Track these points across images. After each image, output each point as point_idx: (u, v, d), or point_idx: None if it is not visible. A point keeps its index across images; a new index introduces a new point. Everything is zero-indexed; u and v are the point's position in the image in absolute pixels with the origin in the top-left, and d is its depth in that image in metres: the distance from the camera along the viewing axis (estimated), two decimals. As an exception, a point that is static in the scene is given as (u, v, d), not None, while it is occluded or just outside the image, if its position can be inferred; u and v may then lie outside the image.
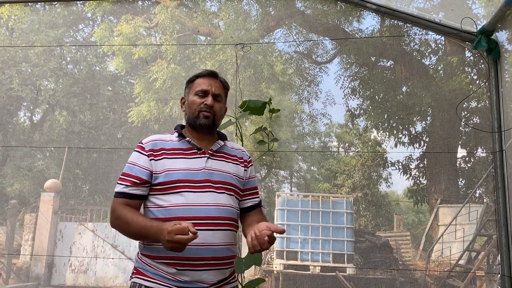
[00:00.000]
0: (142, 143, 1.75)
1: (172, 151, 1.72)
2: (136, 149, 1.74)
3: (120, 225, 1.65)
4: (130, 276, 1.72)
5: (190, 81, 1.85)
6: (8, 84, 5.45)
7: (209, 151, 1.75)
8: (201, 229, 1.60)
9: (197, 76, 1.84)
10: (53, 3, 4.35)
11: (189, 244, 1.55)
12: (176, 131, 1.81)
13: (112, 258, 5.64)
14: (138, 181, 1.67)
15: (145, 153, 1.70)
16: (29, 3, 4.22)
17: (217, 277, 1.66)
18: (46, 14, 5.22)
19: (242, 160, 1.86)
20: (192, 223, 1.59)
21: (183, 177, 1.66)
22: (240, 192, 1.82)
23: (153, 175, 1.68)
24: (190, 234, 1.46)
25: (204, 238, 1.59)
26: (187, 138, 1.76)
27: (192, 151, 1.74)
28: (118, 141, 5.57)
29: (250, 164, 1.90)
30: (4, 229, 6.16)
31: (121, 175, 1.70)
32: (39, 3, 4.32)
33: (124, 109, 5.51)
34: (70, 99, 5.88)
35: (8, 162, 6.17)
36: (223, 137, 1.86)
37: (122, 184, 1.67)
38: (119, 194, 1.67)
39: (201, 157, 1.73)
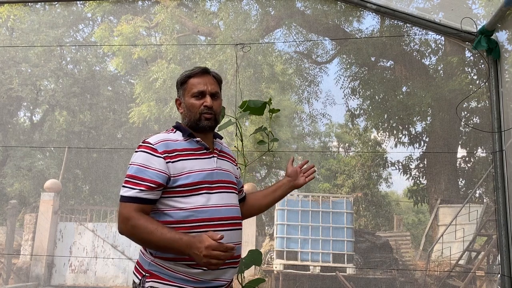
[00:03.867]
0: (151, 144, 1.63)
1: (185, 152, 1.67)
2: (144, 150, 1.63)
3: (138, 234, 1.55)
4: (141, 280, 1.63)
5: (183, 82, 1.79)
6: (8, 84, 5.45)
7: (215, 151, 1.75)
8: (226, 230, 1.61)
9: (188, 76, 1.77)
10: (53, 3, 4.35)
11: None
12: (180, 130, 1.76)
13: (112, 258, 5.63)
14: (154, 185, 1.57)
15: (159, 155, 1.61)
16: (29, 3, 4.22)
17: (232, 275, 1.69)
18: (46, 14, 5.22)
19: (233, 159, 1.90)
20: (214, 224, 1.59)
21: (203, 179, 1.63)
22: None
23: (171, 178, 1.60)
24: (227, 251, 1.45)
25: (229, 238, 1.60)
26: (197, 138, 1.72)
27: (201, 151, 1.72)
28: (118, 141, 5.56)
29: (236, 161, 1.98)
30: (4, 229, 6.16)
31: (131, 178, 1.59)
32: (39, 3, 4.32)
33: (124, 109, 5.50)
34: (70, 99, 5.88)
35: (8, 162, 6.17)
36: (219, 136, 1.86)
37: (135, 189, 1.56)
38: (132, 199, 1.56)
39: (210, 157, 1.72)
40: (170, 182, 1.61)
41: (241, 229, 1.74)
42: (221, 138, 1.86)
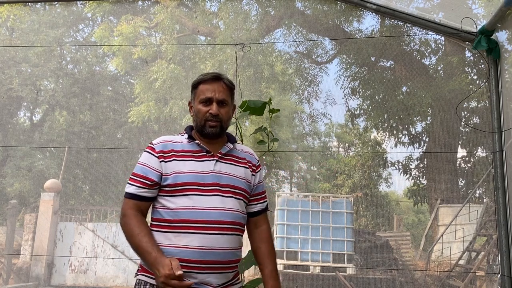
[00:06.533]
0: (152, 144, 1.74)
1: (182, 153, 1.72)
2: (146, 149, 1.74)
3: (125, 232, 1.65)
4: (135, 273, 1.73)
5: (194, 87, 1.82)
6: (8, 84, 5.45)
7: (218, 154, 1.75)
8: (206, 233, 1.61)
9: (199, 82, 1.80)
10: (53, 3, 4.35)
11: (194, 247, 1.57)
12: (186, 133, 1.80)
13: (112, 258, 5.64)
14: (149, 183, 1.67)
15: (155, 154, 1.70)
16: (29, 3, 4.22)
17: (221, 280, 1.66)
18: (46, 14, 5.22)
19: (251, 164, 1.84)
20: (197, 226, 1.60)
21: (191, 180, 1.66)
22: (248, 196, 1.81)
23: (163, 176, 1.67)
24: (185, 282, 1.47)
25: (208, 242, 1.60)
26: (197, 141, 1.75)
27: (201, 154, 1.73)
28: (118, 141, 5.56)
29: (259, 169, 1.89)
30: (4, 229, 6.16)
31: (132, 175, 1.70)
32: (39, 3, 4.32)
33: (124, 109, 5.51)
34: (70, 99, 5.88)
35: (8, 162, 6.17)
36: (232, 139, 1.85)
37: (134, 185, 1.67)
38: (130, 196, 1.67)
39: (209, 160, 1.72)
40: (162, 180, 1.68)
41: (235, 234, 1.69)
42: (234, 141, 1.85)
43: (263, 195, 1.90)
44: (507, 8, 2.69)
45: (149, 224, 1.72)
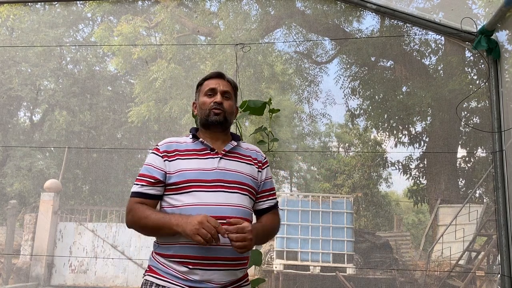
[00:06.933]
0: (157, 146, 1.81)
1: (186, 152, 1.77)
2: (152, 151, 1.81)
3: (137, 220, 1.68)
4: (144, 274, 1.76)
5: (199, 85, 1.92)
6: (8, 84, 5.45)
7: (222, 152, 1.77)
8: None
9: (204, 79, 1.90)
10: (53, 3, 4.35)
11: (196, 243, 1.58)
12: (191, 133, 1.84)
13: (112, 258, 5.64)
14: (153, 181, 1.72)
15: (159, 154, 1.76)
16: (29, 3, 4.22)
17: (227, 278, 1.66)
18: (46, 14, 5.22)
19: (256, 161, 1.86)
20: None
21: (195, 177, 1.69)
22: (255, 193, 1.82)
23: (167, 175, 1.73)
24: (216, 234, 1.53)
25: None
26: (200, 139, 1.78)
27: (205, 152, 1.77)
28: (118, 141, 5.56)
29: (266, 165, 1.91)
30: (4, 229, 6.16)
31: (138, 176, 1.76)
32: (39, 3, 4.32)
33: (124, 109, 5.51)
34: (70, 99, 5.88)
35: (8, 162, 6.17)
36: (237, 138, 1.88)
37: (138, 184, 1.73)
38: (134, 194, 1.73)
39: (213, 158, 1.75)
40: (166, 179, 1.73)
41: None
42: (238, 139, 1.87)
43: (271, 192, 1.92)
44: (507, 8, 2.70)
45: None
